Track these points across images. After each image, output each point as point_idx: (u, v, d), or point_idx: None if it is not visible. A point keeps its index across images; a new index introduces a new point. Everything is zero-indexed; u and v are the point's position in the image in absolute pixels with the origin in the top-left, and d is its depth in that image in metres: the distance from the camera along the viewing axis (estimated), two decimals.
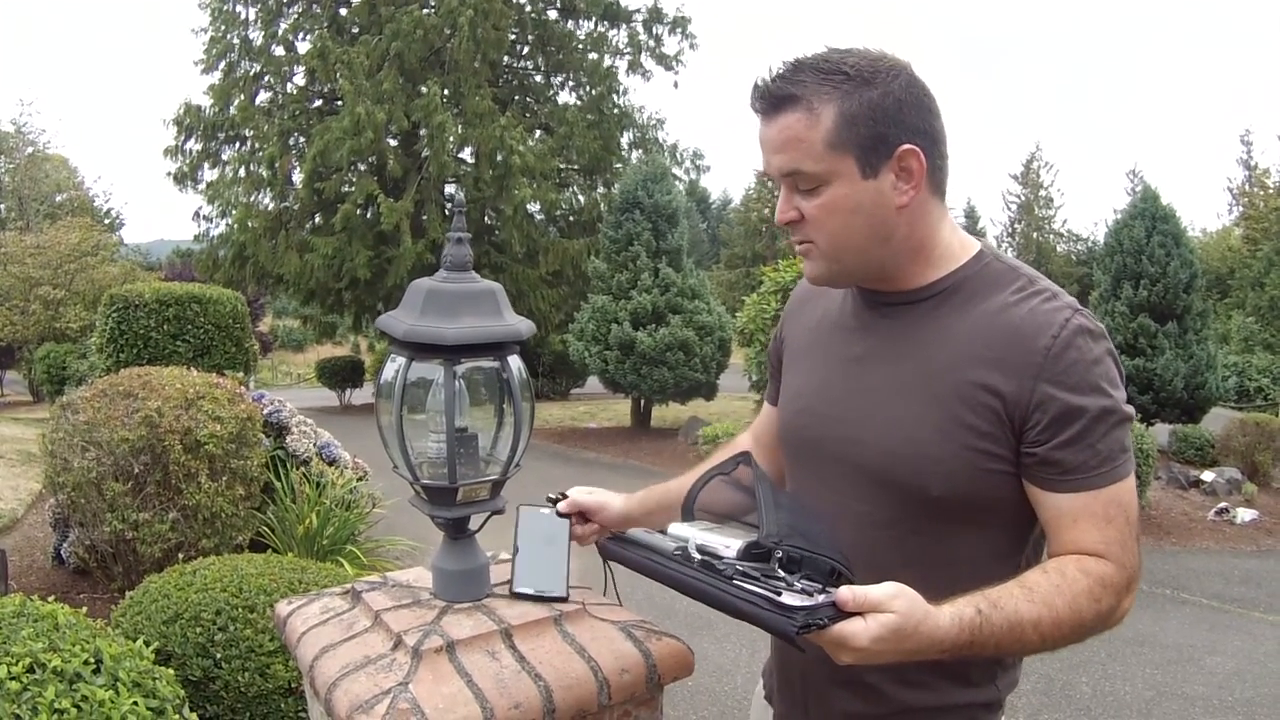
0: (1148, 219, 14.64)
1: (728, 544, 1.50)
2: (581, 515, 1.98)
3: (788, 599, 1.35)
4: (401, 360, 1.75)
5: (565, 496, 1.95)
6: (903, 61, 1.62)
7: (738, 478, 1.70)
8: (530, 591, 1.85)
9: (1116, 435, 1.57)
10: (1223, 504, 11.84)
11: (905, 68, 1.61)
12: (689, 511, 1.74)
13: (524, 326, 1.80)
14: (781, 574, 1.41)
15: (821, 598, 1.36)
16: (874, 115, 1.57)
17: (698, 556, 1.49)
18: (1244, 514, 11.54)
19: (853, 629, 1.34)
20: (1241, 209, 45.19)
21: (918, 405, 1.64)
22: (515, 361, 1.81)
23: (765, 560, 1.45)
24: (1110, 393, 1.57)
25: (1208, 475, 12.85)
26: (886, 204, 1.62)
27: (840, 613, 1.34)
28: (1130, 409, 1.61)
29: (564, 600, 1.87)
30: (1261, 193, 43.67)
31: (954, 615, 1.41)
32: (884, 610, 1.34)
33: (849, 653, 1.36)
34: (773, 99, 1.61)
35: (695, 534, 1.57)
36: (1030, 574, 1.54)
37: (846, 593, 1.35)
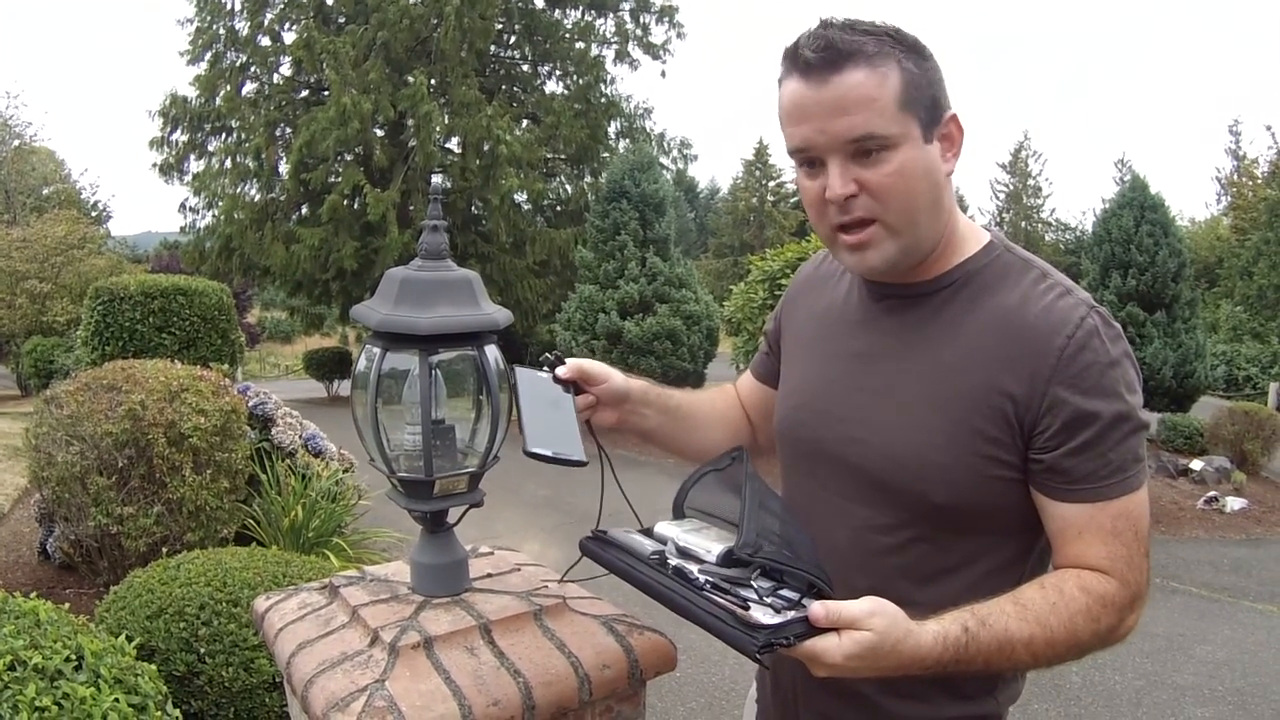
0: (1136, 208, 14.66)
1: (710, 548, 1.48)
2: (579, 385, 1.85)
3: (756, 613, 1.33)
4: (376, 351, 1.72)
5: (563, 361, 1.83)
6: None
7: (730, 475, 1.66)
8: (547, 453, 1.71)
9: (1130, 444, 1.51)
10: (1212, 492, 11.88)
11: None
12: (679, 509, 1.70)
13: (501, 315, 1.77)
14: (755, 586, 1.38)
15: (792, 614, 1.34)
16: (929, 79, 1.52)
17: (674, 561, 1.47)
18: (1233, 502, 11.58)
19: (825, 645, 1.31)
20: (1230, 198, 45.27)
21: (924, 408, 1.58)
22: (493, 351, 1.78)
23: (746, 567, 1.42)
24: (1126, 398, 1.50)
25: (1197, 464, 12.89)
26: (941, 171, 1.56)
27: (813, 628, 1.32)
28: (1146, 416, 1.55)
29: (583, 465, 1.76)
30: (1250, 182, 43.73)
31: (938, 633, 1.37)
32: (860, 628, 1.31)
33: (823, 668, 1.33)
34: (836, 52, 1.47)
35: (679, 535, 1.54)
36: (1026, 589, 1.49)
37: (819, 609, 1.32)
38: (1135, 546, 1.52)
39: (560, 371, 1.81)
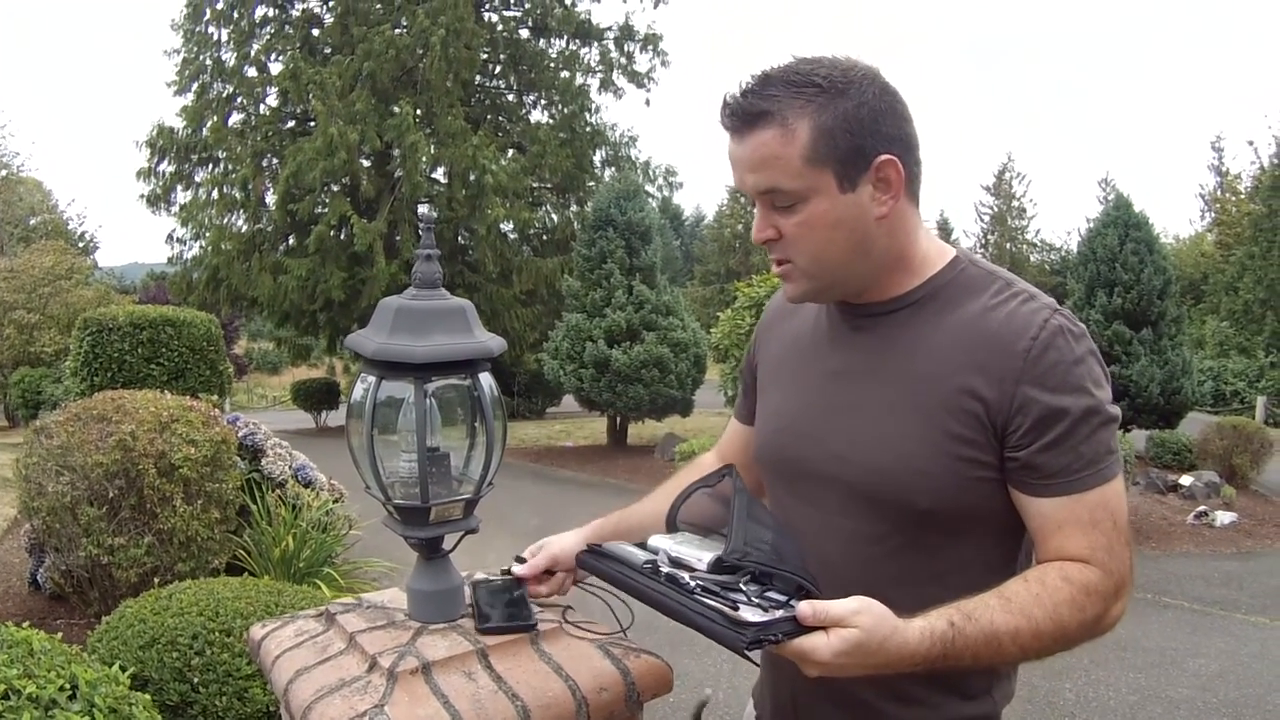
0: (1120, 227, 14.68)
1: (700, 557, 1.51)
2: (545, 573, 1.94)
3: (745, 613, 1.36)
4: (371, 379, 1.73)
5: (519, 560, 1.94)
6: (872, 68, 1.59)
7: (720, 491, 1.70)
8: (502, 625, 1.81)
9: (1101, 437, 1.54)
10: (1201, 507, 11.90)
11: (876, 74, 1.58)
12: (672, 524, 1.73)
13: (494, 343, 1.79)
14: (743, 589, 1.42)
15: (780, 612, 1.37)
16: (850, 127, 1.53)
17: (666, 570, 1.49)
18: (1223, 516, 11.59)
19: (814, 644, 1.34)
20: (1214, 215, 45.48)
21: (901, 418, 1.62)
22: (486, 379, 1.80)
23: (735, 573, 1.45)
24: (1094, 392, 1.54)
25: (1186, 479, 12.92)
26: (866, 216, 1.58)
27: (801, 627, 1.35)
28: (1115, 410, 1.59)
29: (533, 627, 1.83)
30: (1233, 198, 43.96)
31: (924, 629, 1.40)
32: (846, 625, 1.34)
33: (813, 666, 1.36)
34: (745, 116, 1.56)
35: (671, 546, 1.57)
36: (1010, 583, 1.52)
37: (806, 607, 1.35)
38: (1115, 535, 1.55)
39: (521, 570, 1.94)
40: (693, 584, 1.44)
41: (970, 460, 1.57)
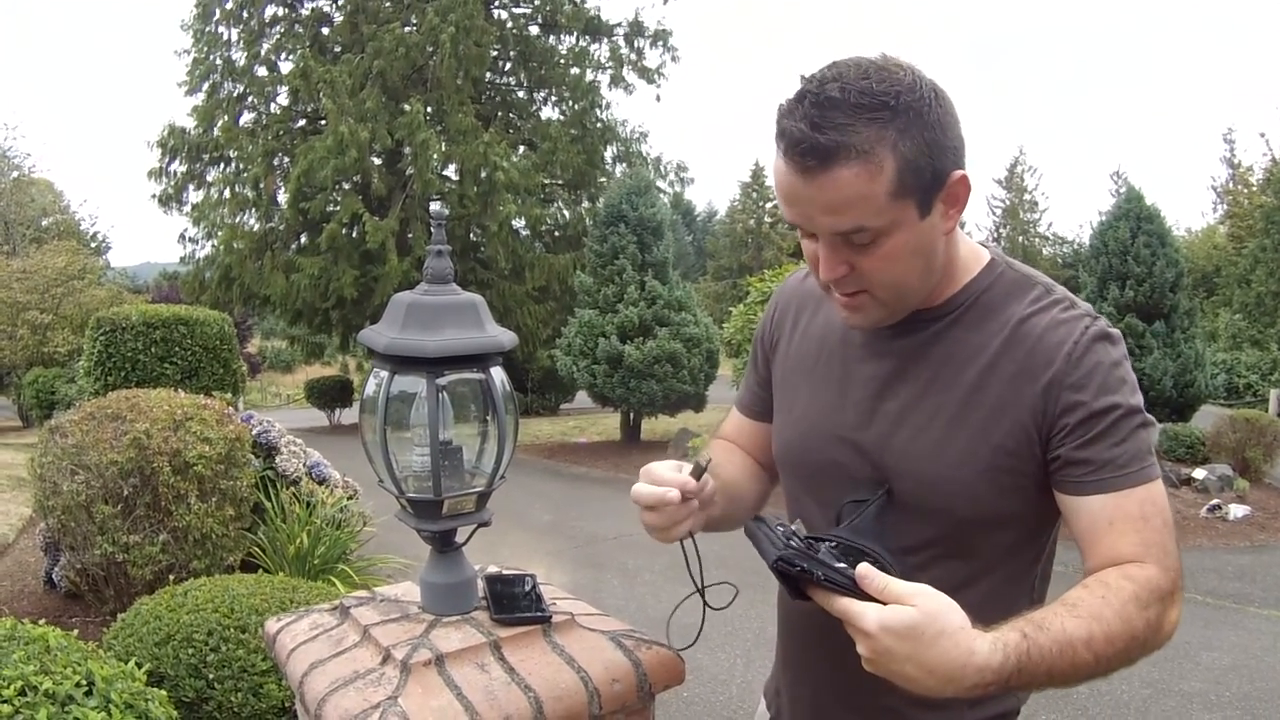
0: (1132, 219, 14.63)
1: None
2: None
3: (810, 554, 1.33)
4: (384, 374, 1.74)
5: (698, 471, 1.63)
6: (917, 69, 1.48)
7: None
8: (512, 616, 1.82)
9: (1142, 435, 1.52)
10: (1215, 501, 11.85)
11: (923, 76, 1.48)
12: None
13: (506, 337, 1.80)
14: (824, 551, 1.36)
15: (842, 565, 1.31)
16: (930, 152, 1.44)
17: (781, 527, 1.43)
18: (1236, 510, 11.54)
19: (861, 608, 1.25)
20: (1226, 207, 45.33)
21: (945, 427, 1.59)
22: (498, 373, 1.80)
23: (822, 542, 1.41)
24: (1131, 395, 1.53)
25: (1199, 473, 12.86)
26: (937, 235, 1.53)
27: (857, 590, 1.28)
28: (1151, 416, 1.57)
29: (547, 619, 1.84)
30: (1245, 190, 43.81)
31: (996, 640, 1.29)
32: (903, 603, 1.24)
33: (861, 638, 1.27)
34: (819, 154, 1.40)
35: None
36: (1071, 592, 1.45)
37: (865, 568, 1.27)
38: (1166, 533, 1.50)
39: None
40: (788, 531, 1.40)
41: (1011, 470, 1.55)
